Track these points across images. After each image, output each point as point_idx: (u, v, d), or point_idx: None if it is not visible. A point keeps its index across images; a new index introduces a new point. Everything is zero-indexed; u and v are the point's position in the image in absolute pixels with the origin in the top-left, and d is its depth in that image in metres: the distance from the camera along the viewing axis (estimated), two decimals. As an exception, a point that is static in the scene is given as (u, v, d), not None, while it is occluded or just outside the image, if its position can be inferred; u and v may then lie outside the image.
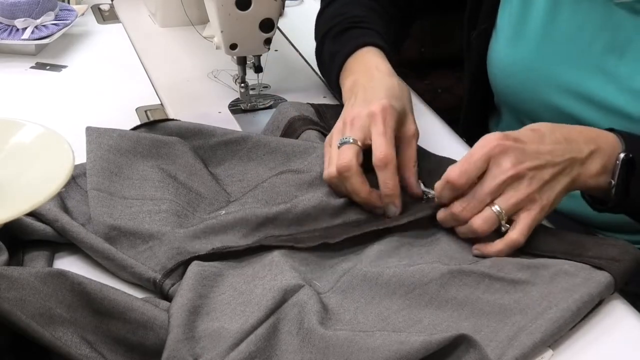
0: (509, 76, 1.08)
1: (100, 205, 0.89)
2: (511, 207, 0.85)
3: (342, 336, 0.72)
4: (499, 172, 0.85)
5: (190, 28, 1.31)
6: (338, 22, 1.14)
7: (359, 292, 0.81)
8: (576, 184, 0.89)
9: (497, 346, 0.74)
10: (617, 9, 0.97)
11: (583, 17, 1.00)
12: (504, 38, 1.08)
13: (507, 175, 0.85)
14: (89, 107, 1.18)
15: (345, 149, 0.92)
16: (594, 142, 0.89)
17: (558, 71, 1.02)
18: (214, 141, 1.02)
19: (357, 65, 1.06)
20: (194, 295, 0.78)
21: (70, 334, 0.72)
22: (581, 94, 1.01)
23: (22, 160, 0.70)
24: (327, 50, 1.15)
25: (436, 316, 0.78)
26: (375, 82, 1.00)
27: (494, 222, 0.86)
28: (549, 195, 0.86)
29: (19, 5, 1.28)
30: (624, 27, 0.97)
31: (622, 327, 0.80)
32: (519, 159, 0.86)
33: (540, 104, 1.05)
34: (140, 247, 0.86)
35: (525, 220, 0.85)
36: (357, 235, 0.88)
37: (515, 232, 0.85)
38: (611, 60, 0.99)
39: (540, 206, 0.86)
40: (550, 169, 0.87)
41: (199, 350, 0.72)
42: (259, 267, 0.83)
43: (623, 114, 0.97)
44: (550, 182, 0.87)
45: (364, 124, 0.93)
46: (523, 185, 0.85)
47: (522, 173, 0.85)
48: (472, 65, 1.16)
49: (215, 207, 0.93)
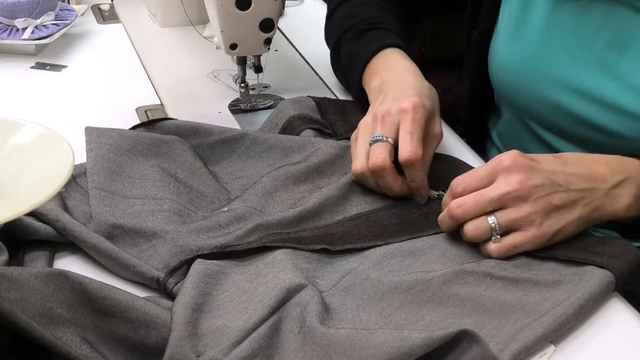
0: (509, 73, 1.08)
1: (102, 204, 0.89)
2: (507, 223, 0.83)
3: (344, 334, 0.72)
4: (503, 184, 0.84)
5: (190, 28, 1.31)
6: (354, 23, 1.15)
7: (361, 289, 0.81)
8: (598, 215, 0.86)
9: (499, 342, 0.74)
10: (618, 6, 0.97)
11: (584, 14, 0.99)
12: (505, 35, 1.08)
13: (511, 188, 0.83)
14: (89, 107, 1.18)
15: (378, 148, 0.92)
16: (622, 172, 0.87)
17: (559, 68, 1.02)
18: (212, 139, 1.02)
19: (383, 66, 1.06)
20: (197, 293, 0.78)
21: (70, 334, 0.72)
22: (582, 91, 1.00)
23: (22, 160, 0.70)
24: (346, 51, 1.15)
25: (438, 313, 0.78)
26: (405, 82, 1.00)
27: (485, 233, 0.84)
28: (554, 223, 0.84)
29: (19, 5, 1.28)
30: (625, 24, 0.97)
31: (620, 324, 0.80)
32: (527, 176, 0.83)
33: (540, 101, 1.05)
34: (143, 246, 0.86)
35: (512, 239, 0.83)
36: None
37: (494, 247, 0.84)
38: (612, 57, 0.98)
39: (539, 231, 0.83)
40: (563, 194, 0.84)
41: (202, 348, 0.72)
42: (262, 265, 0.83)
43: (624, 111, 0.97)
44: (559, 208, 0.84)
45: (394, 121, 0.93)
46: (526, 204, 0.83)
47: (528, 191, 0.83)
48: (473, 64, 1.16)
49: (217, 206, 0.93)
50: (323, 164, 0.98)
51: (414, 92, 0.97)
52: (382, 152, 0.91)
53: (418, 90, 0.98)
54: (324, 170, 0.97)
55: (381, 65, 1.07)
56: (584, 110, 1.01)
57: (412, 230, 0.90)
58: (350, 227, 0.90)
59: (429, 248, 0.87)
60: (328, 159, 0.98)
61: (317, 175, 0.97)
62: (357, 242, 0.88)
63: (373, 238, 0.88)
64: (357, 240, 0.88)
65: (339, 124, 1.07)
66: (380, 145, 0.92)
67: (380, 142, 0.92)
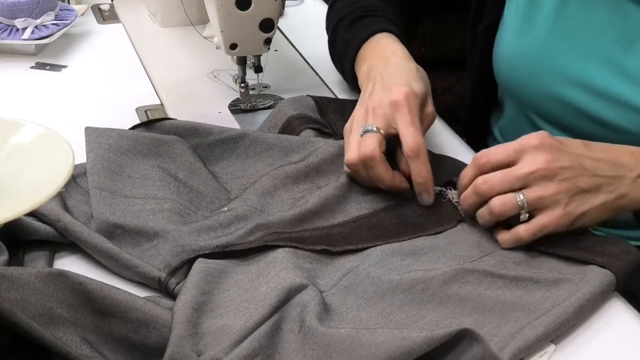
0: (515, 68, 1.07)
1: (102, 204, 0.89)
2: (534, 201, 0.83)
3: (344, 333, 0.72)
4: (530, 162, 0.84)
5: (190, 28, 1.31)
6: (350, 11, 1.15)
7: (361, 288, 0.81)
8: (623, 202, 0.86)
9: (499, 340, 0.74)
10: (626, 2, 0.97)
11: (591, 9, 0.99)
12: (512, 30, 1.07)
13: (538, 167, 0.83)
14: (89, 107, 1.18)
15: (369, 138, 0.92)
16: None
17: (565, 63, 1.02)
18: (211, 139, 1.02)
19: (372, 51, 1.06)
20: (198, 292, 0.78)
21: (70, 334, 0.72)
22: (588, 86, 1.00)
23: (22, 160, 0.70)
24: (340, 39, 1.15)
25: (439, 312, 0.78)
26: (393, 67, 1.00)
27: (513, 207, 0.84)
28: (579, 205, 0.84)
29: (19, 5, 1.28)
30: (632, 19, 0.97)
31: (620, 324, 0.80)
32: (554, 157, 0.84)
33: (546, 96, 1.04)
34: (144, 246, 0.86)
35: (541, 220, 0.84)
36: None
37: (523, 229, 0.84)
38: (619, 52, 0.98)
39: (565, 211, 0.83)
40: (589, 178, 0.84)
41: (203, 347, 0.72)
42: (263, 264, 0.83)
43: (630, 106, 0.97)
44: (586, 192, 0.84)
45: (387, 112, 0.93)
46: (552, 183, 0.83)
47: (555, 171, 0.83)
48: (477, 59, 1.15)
49: (217, 206, 0.93)
50: (322, 163, 0.98)
51: (405, 79, 0.97)
52: (372, 142, 0.91)
53: (408, 75, 0.98)
54: (323, 170, 0.97)
55: (371, 51, 1.07)
56: (589, 104, 1.00)
57: (412, 230, 0.90)
58: (351, 229, 0.90)
59: (430, 248, 0.87)
60: (327, 158, 0.98)
61: (317, 175, 0.97)
62: (358, 243, 0.88)
63: (374, 239, 0.88)
64: (358, 241, 0.88)
65: (339, 124, 1.07)
66: (370, 136, 0.92)
67: (370, 132, 0.92)
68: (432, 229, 0.90)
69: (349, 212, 0.92)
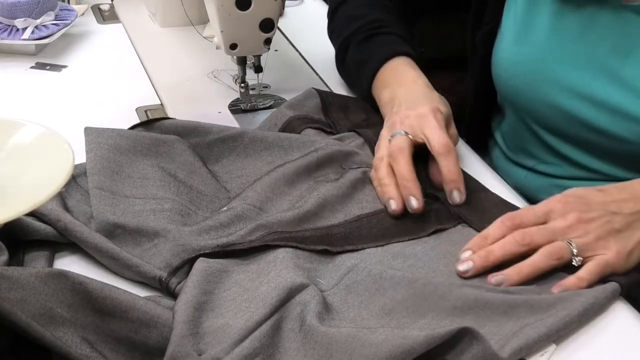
0: (513, 76, 1.08)
1: (102, 204, 0.89)
2: (583, 247, 0.82)
3: (345, 332, 0.72)
4: (562, 219, 0.84)
5: (190, 28, 1.31)
6: (359, 26, 1.16)
7: (362, 286, 0.81)
8: None
9: (500, 339, 0.74)
10: (624, 11, 0.97)
11: (590, 18, 0.99)
12: (510, 38, 1.07)
13: (572, 222, 0.83)
14: (89, 107, 1.18)
15: (399, 137, 0.95)
16: None
17: (563, 72, 1.02)
18: (210, 138, 1.02)
19: (392, 78, 1.08)
20: (199, 291, 0.78)
21: (70, 334, 0.72)
22: (586, 95, 1.00)
23: (22, 160, 0.70)
24: (352, 58, 1.16)
25: (440, 310, 0.78)
26: (417, 94, 1.03)
27: (566, 251, 0.82)
28: (624, 244, 0.83)
29: (19, 5, 1.28)
30: (630, 29, 0.97)
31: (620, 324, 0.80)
32: (582, 212, 0.84)
33: (544, 104, 1.05)
34: (145, 245, 0.86)
35: (600, 260, 0.82)
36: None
37: (584, 271, 0.82)
38: (617, 61, 0.98)
39: (616, 251, 0.82)
40: (620, 218, 0.84)
41: (203, 346, 0.72)
42: (263, 264, 0.83)
43: (628, 115, 0.97)
44: (621, 232, 0.84)
45: (413, 123, 0.97)
46: (591, 233, 0.83)
47: (587, 223, 0.83)
48: (477, 66, 1.15)
49: (217, 205, 0.93)
50: (323, 160, 0.98)
51: (427, 100, 1.00)
52: (402, 140, 0.94)
53: (430, 98, 1.01)
54: (324, 167, 0.98)
55: (392, 77, 1.08)
56: (588, 114, 1.01)
57: (413, 230, 0.90)
58: (352, 228, 0.90)
59: (431, 249, 0.87)
60: (328, 155, 0.98)
61: (316, 171, 0.97)
62: (358, 244, 0.88)
63: (374, 239, 0.88)
64: (358, 241, 0.88)
65: (342, 122, 1.08)
66: (400, 136, 0.95)
67: (399, 135, 0.95)
68: (431, 228, 0.90)
69: (350, 212, 0.92)
